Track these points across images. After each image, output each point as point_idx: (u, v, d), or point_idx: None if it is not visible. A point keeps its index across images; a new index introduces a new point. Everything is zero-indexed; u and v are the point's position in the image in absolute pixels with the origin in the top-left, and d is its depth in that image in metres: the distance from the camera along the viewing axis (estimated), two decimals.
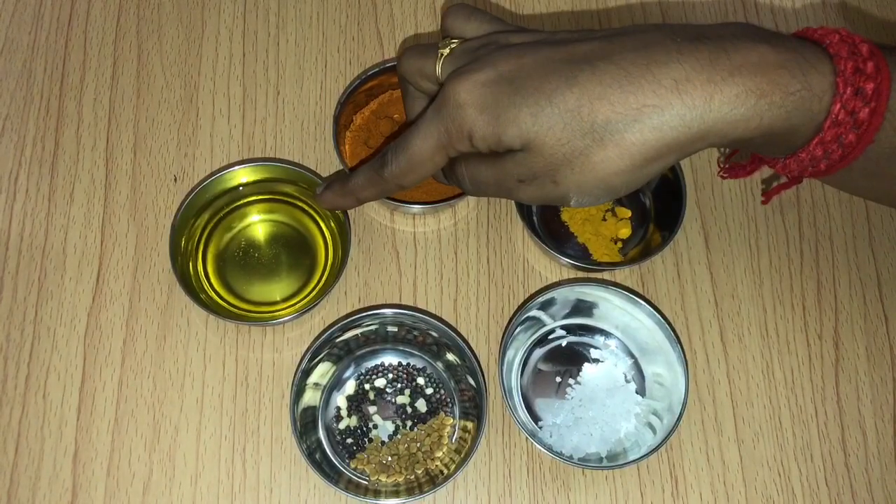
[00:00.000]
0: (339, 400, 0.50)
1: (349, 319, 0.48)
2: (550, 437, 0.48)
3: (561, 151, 0.37)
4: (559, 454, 0.47)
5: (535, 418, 0.50)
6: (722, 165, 0.49)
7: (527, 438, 0.49)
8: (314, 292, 0.52)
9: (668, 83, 0.36)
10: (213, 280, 0.52)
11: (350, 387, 0.50)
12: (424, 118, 0.40)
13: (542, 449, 0.46)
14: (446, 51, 0.42)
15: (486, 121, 0.38)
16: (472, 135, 0.39)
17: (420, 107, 0.46)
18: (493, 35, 0.42)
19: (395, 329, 0.50)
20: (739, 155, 0.51)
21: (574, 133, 0.37)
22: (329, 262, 0.53)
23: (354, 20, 0.60)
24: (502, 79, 0.38)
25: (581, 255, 0.54)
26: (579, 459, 0.48)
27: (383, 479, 0.47)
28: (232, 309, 0.51)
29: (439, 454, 0.48)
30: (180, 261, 0.51)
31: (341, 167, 0.53)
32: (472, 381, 0.48)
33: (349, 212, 0.53)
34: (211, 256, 0.53)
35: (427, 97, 0.45)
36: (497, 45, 0.40)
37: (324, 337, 0.48)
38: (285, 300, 0.52)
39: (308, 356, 0.47)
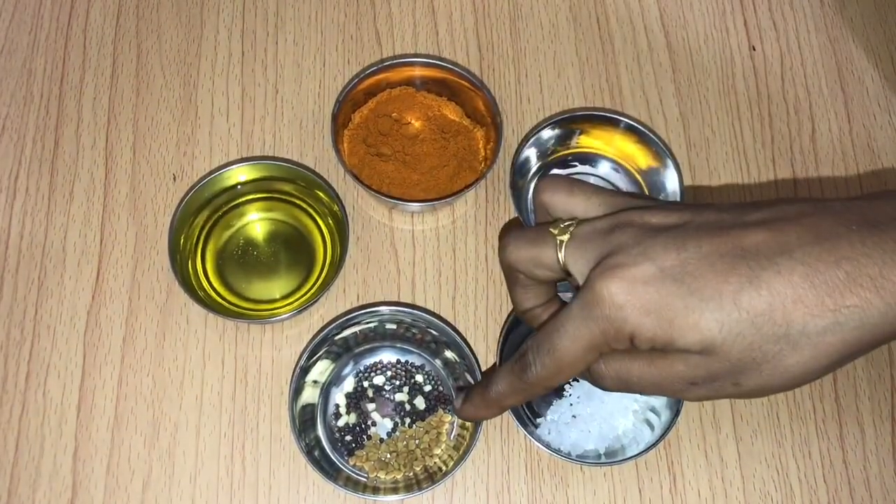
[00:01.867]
0: (338, 397, 0.50)
1: (348, 317, 0.48)
2: (548, 434, 0.48)
3: (749, 356, 0.34)
4: (557, 451, 0.47)
5: (534, 415, 0.50)
6: None
7: (525, 436, 0.49)
8: (313, 290, 0.52)
9: (865, 282, 0.33)
10: (212, 278, 0.52)
11: (349, 384, 0.51)
12: (570, 316, 0.37)
13: (540, 446, 0.46)
14: (566, 237, 0.38)
15: (655, 324, 0.35)
16: (635, 337, 0.35)
17: (536, 296, 0.42)
18: (624, 214, 0.38)
19: (394, 326, 0.50)
20: None
21: (766, 338, 0.34)
22: (327, 260, 0.53)
23: (353, 19, 0.60)
24: (666, 276, 0.34)
25: None
26: (577, 456, 0.48)
27: (382, 476, 0.48)
28: (231, 307, 0.51)
29: (438, 451, 0.48)
30: (179, 259, 0.51)
31: (338, 165, 0.53)
32: (470, 379, 0.48)
33: (347, 209, 0.53)
34: (210, 254, 0.53)
35: (542, 285, 0.42)
36: (638, 229, 0.37)
37: (322, 334, 0.48)
38: (284, 298, 0.52)
39: (307, 354, 0.48)
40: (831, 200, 0.36)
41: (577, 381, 0.50)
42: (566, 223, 0.39)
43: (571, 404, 0.49)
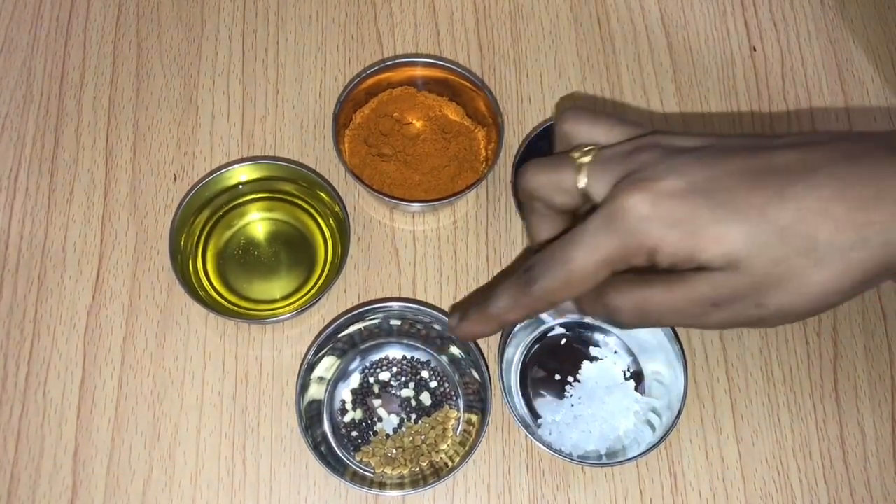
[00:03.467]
0: (344, 393, 0.50)
1: (355, 312, 0.48)
2: (550, 434, 0.48)
3: (774, 272, 0.33)
4: (558, 452, 0.47)
5: (535, 416, 0.50)
6: None
7: (526, 436, 0.49)
8: (314, 290, 0.52)
9: (894, 198, 0.32)
10: (212, 278, 0.52)
11: (355, 380, 0.51)
12: (586, 228, 0.35)
13: (542, 446, 0.46)
14: (587, 158, 0.37)
15: (679, 237, 0.34)
16: (657, 251, 0.34)
17: (553, 225, 0.41)
18: (650, 137, 0.37)
19: (399, 323, 0.50)
20: None
21: (791, 252, 0.33)
22: (328, 260, 0.53)
23: (353, 19, 0.60)
24: (695, 189, 0.34)
25: None
26: (578, 457, 0.48)
27: (388, 471, 0.48)
28: (231, 307, 0.51)
29: (444, 447, 0.49)
30: (180, 259, 0.51)
31: (340, 165, 0.53)
32: (475, 375, 0.48)
33: (348, 209, 0.53)
34: (211, 254, 0.53)
35: (559, 215, 0.41)
36: (664, 150, 0.36)
37: (329, 330, 0.48)
38: (285, 298, 0.52)
39: (313, 350, 0.48)
40: (862, 132, 0.36)
41: (579, 381, 0.50)
42: (587, 147, 0.38)
43: (573, 405, 0.49)
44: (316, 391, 0.49)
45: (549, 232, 0.41)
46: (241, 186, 0.53)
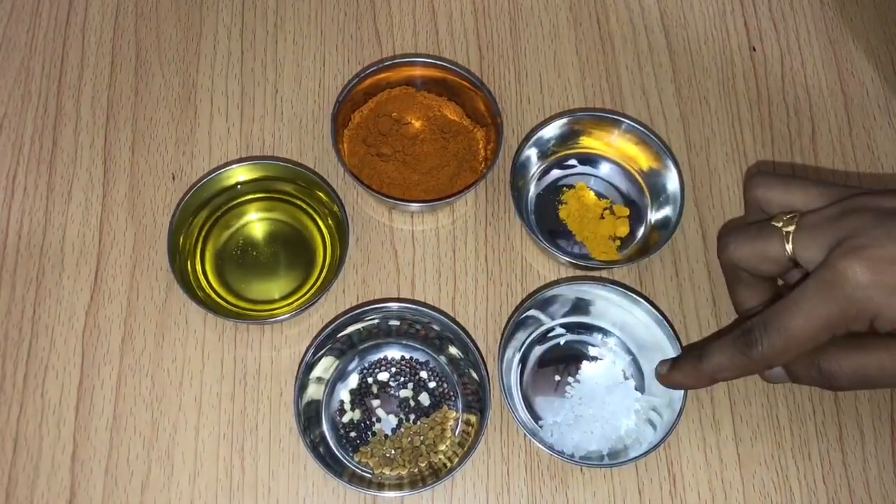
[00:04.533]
0: (343, 394, 0.50)
1: (354, 313, 0.48)
2: (551, 435, 0.48)
3: None
4: (560, 453, 0.47)
5: (535, 417, 0.50)
6: None
7: (525, 436, 0.49)
8: (312, 290, 0.52)
9: None
10: (211, 278, 0.52)
11: (353, 381, 0.50)
12: (805, 295, 0.37)
13: (543, 448, 0.46)
14: (792, 227, 0.39)
15: None
16: (878, 317, 0.35)
17: (759, 293, 0.42)
18: (855, 200, 0.38)
19: (398, 323, 0.50)
20: None
21: None
22: (327, 261, 0.53)
23: (353, 18, 0.60)
24: None
25: (579, 254, 0.54)
26: (580, 458, 0.48)
27: (387, 472, 0.48)
28: (230, 307, 0.51)
29: (443, 447, 0.48)
30: (178, 259, 0.51)
31: (338, 165, 0.53)
32: (474, 375, 0.48)
33: (347, 209, 0.53)
34: (209, 255, 0.53)
35: (764, 282, 0.42)
36: (874, 213, 0.37)
37: (328, 331, 0.48)
38: (283, 298, 0.52)
39: (311, 350, 0.48)
40: None
41: (579, 381, 0.50)
42: (789, 215, 0.39)
43: (573, 406, 0.49)
44: (314, 392, 0.49)
45: (756, 300, 0.43)
46: (239, 186, 0.53)
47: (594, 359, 0.51)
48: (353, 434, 0.49)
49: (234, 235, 0.53)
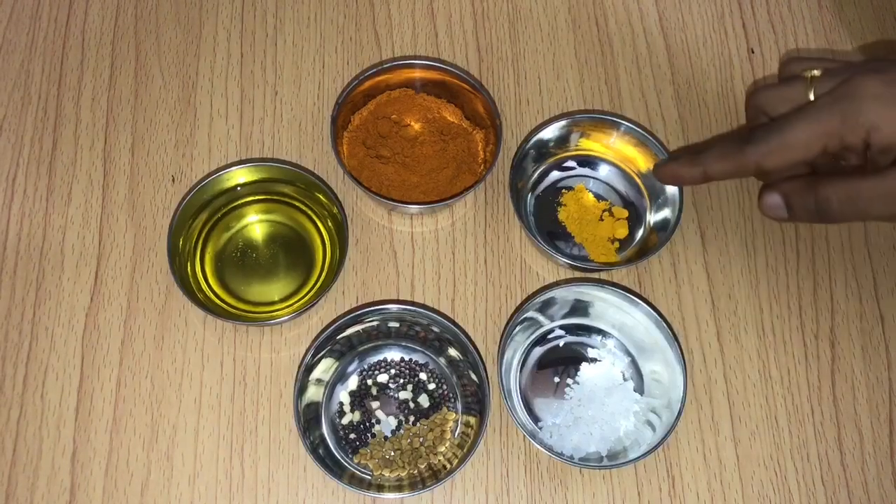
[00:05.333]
0: (342, 395, 0.50)
1: (353, 314, 0.48)
2: (550, 437, 0.48)
3: None
4: (559, 454, 0.47)
5: (535, 418, 0.50)
6: None
7: (525, 438, 0.49)
8: (312, 292, 0.52)
9: None
10: (210, 280, 0.52)
11: (353, 382, 0.51)
12: (813, 105, 0.40)
13: (543, 449, 0.46)
14: (817, 72, 0.41)
15: None
16: (874, 131, 0.37)
17: None
18: (862, 62, 0.42)
19: (397, 325, 0.50)
20: None
21: None
22: (327, 262, 0.53)
23: (352, 21, 0.60)
24: None
25: (578, 256, 0.54)
26: (580, 459, 0.48)
27: (386, 473, 0.48)
28: (230, 309, 0.51)
29: (442, 449, 0.49)
30: (178, 261, 0.51)
31: (338, 167, 0.53)
32: (474, 377, 0.48)
33: (347, 211, 0.53)
34: (209, 257, 0.53)
35: None
36: (880, 63, 0.40)
37: (327, 332, 0.48)
38: (283, 300, 0.52)
39: (311, 352, 0.48)
40: None
41: (578, 383, 0.50)
42: (815, 69, 0.42)
43: (572, 407, 0.49)
44: (314, 393, 0.49)
45: None
46: (239, 188, 0.53)
47: (593, 360, 0.51)
48: (352, 436, 0.49)
49: (233, 237, 0.53)
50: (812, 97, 0.41)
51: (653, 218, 0.54)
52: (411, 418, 0.50)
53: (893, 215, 0.40)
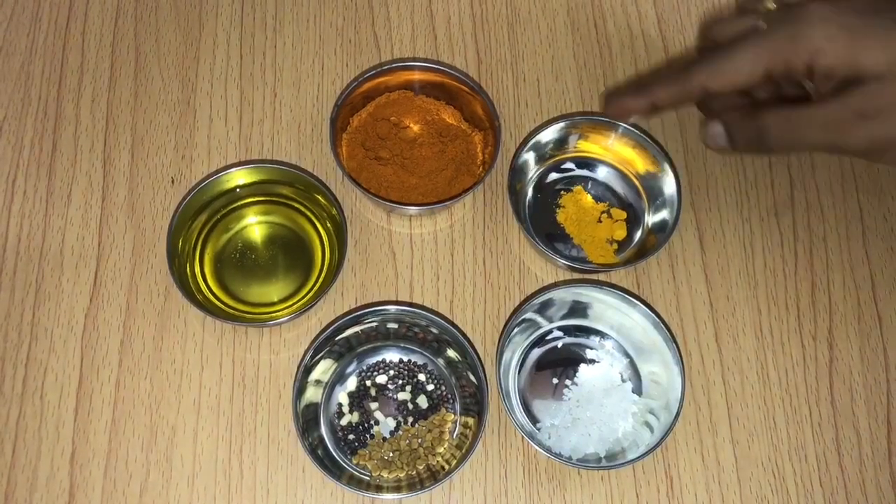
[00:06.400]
0: (341, 396, 0.50)
1: (352, 315, 0.49)
2: (549, 438, 0.49)
3: None
4: (558, 455, 0.47)
5: (533, 419, 0.50)
6: None
7: (523, 439, 0.49)
8: (311, 294, 0.52)
9: None
10: (210, 281, 0.52)
11: (352, 383, 0.51)
12: (760, 31, 0.40)
13: (541, 450, 0.46)
14: (772, 4, 0.42)
15: (849, 39, 0.37)
16: (818, 53, 0.37)
17: None
18: None
19: (396, 326, 0.50)
20: None
21: None
22: (325, 264, 0.53)
23: (351, 23, 0.60)
24: (869, 11, 0.37)
25: (577, 257, 0.54)
26: (578, 460, 0.48)
27: (385, 474, 0.48)
28: (229, 310, 0.51)
29: (440, 450, 0.49)
30: (177, 262, 0.51)
31: (337, 168, 0.53)
32: (472, 378, 0.49)
33: (346, 212, 0.53)
34: (208, 258, 0.53)
35: None
36: None
37: (326, 333, 0.48)
38: (282, 301, 0.52)
39: (310, 353, 0.48)
40: None
41: (576, 384, 0.50)
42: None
43: (571, 408, 0.49)
44: (313, 394, 0.49)
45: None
46: (238, 190, 0.54)
47: (592, 361, 0.51)
48: (351, 436, 0.49)
49: (232, 238, 0.54)
50: (763, 26, 0.41)
51: (651, 219, 0.55)
52: (410, 419, 0.50)
53: (829, 144, 0.40)
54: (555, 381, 0.51)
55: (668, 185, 0.53)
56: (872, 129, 0.38)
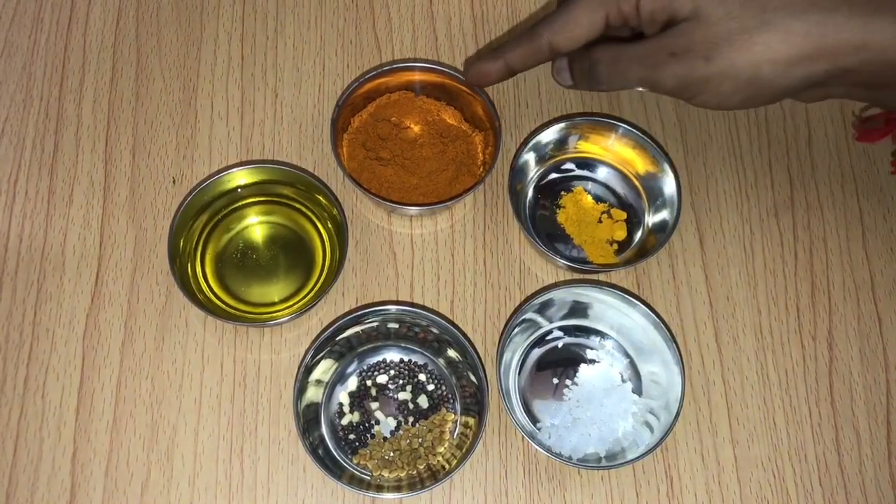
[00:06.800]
0: (342, 396, 0.50)
1: (353, 315, 0.49)
2: (549, 438, 0.49)
3: (727, 26, 0.40)
4: (558, 455, 0.47)
5: (533, 419, 0.50)
6: (857, 127, 0.52)
7: (523, 438, 0.49)
8: (311, 294, 0.52)
9: None
10: (211, 281, 0.52)
11: (352, 383, 0.51)
12: None
13: (542, 450, 0.46)
14: None
15: None
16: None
17: None
18: None
19: (397, 326, 0.50)
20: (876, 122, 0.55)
21: (746, 10, 0.40)
22: (326, 264, 0.53)
23: (352, 24, 0.60)
24: None
25: (577, 257, 0.54)
26: (578, 460, 0.48)
27: (385, 474, 0.48)
28: (230, 310, 0.52)
29: (441, 449, 0.49)
30: (179, 262, 0.51)
31: (338, 169, 0.53)
32: (473, 378, 0.49)
33: (346, 213, 0.53)
34: (209, 258, 0.53)
35: None
36: None
37: (327, 333, 0.48)
38: (283, 301, 0.52)
39: (311, 353, 0.48)
40: None
41: (576, 384, 0.51)
42: None
43: (571, 408, 0.50)
44: (313, 394, 0.49)
45: None
46: (239, 190, 0.54)
47: (592, 361, 0.52)
48: (351, 436, 0.49)
49: (234, 239, 0.54)
50: None
51: (651, 220, 0.55)
52: (410, 419, 0.50)
53: (646, 80, 0.44)
54: (555, 381, 0.51)
55: (668, 186, 0.53)
56: (680, 66, 0.42)
